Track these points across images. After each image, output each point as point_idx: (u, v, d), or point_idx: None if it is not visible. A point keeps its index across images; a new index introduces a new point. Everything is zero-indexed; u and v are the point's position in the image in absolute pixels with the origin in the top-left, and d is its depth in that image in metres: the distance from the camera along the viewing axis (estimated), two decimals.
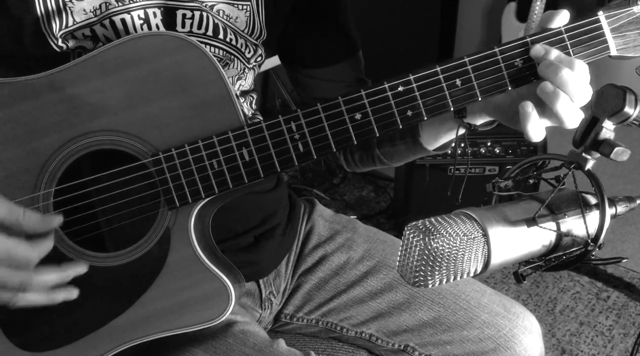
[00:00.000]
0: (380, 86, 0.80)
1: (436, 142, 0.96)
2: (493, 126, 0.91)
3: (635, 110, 0.67)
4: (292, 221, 1.13)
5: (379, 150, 1.03)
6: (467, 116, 0.87)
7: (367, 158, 1.07)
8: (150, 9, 0.88)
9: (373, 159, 1.06)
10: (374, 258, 1.13)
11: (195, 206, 0.82)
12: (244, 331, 0.95)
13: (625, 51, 0.80)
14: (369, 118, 0.80)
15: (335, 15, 1.02)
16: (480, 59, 0.79)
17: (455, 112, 0.86)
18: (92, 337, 0.84)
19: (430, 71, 0.79)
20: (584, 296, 2.18)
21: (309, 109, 0.80)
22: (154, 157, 0.81)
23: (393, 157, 1.03)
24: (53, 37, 0.85)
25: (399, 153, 1.01)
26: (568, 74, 0.75)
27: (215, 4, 0.92)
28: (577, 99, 0.76)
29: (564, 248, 0.67)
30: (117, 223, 0.84)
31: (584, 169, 0.68)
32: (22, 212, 0.74)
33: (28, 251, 0.74)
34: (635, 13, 0.78)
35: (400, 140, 0.99)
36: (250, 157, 0.80)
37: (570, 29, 0.79)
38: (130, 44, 0.80)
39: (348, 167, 1.13)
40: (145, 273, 0.83)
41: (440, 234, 0.62)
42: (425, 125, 0.95)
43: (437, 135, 0.95)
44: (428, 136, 0.95)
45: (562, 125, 0.78)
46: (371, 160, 1.06)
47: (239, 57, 0.96)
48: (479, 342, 1.06)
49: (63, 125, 0.81)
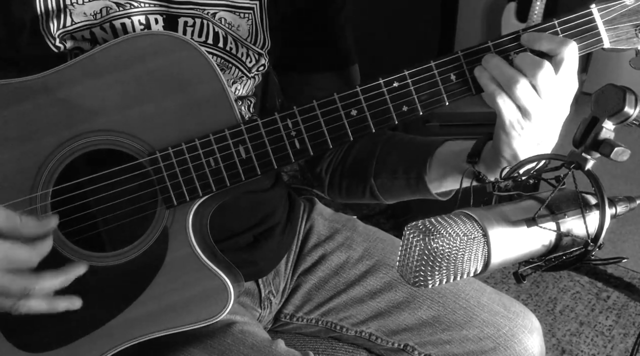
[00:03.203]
0: (375, 82, 0.80)
1: (441, 185, 0.94)
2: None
3: (635, 110, 0.67)
4: (292, 220, 1.13)
5: (376, 181, 1.01)
6: (480, 163, 0.85)
7: (356, 187, 1.04)
8: (152, 15, 0.88)
9: (364, 190, 1.03)
10: (374, 257, 1.12)
11: (193, 204, 0.82)
12: (243, 332, 0.94)
13: (618, 43, 0.80)
14: (365, 114, 0.80)
15: (332, 24, 1.01)
16: (473, 53, 0.79)
17: (470, 155, 0.85)
18: (91, 337, 0.84)
19: (424, 66, 0.79)
20: (584, 296, 2.18)
21: (305, 106, 0.80)
22: (150, 156, 0.81)
23: (389, 192, 1.01)
24: (50, 37, 0.85)
25: (396, 188, 0.99)
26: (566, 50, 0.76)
27: (217, 12, 0.91)
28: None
29: (564, 248, 0.67)
30: (115, 223, 0.83)
31: (584, 169, 0.67)
32: (19, 218, 0.74)
33: (28, 253, 0.74)
34: (628, 5, 0.79)
35: (404, 174, 0.97)
36: (247, 155, 0.80)
37: (563, 21, 0.79)
38: (126, 44, 0.80)
39: (330, 193, 1.10)
40: (144, 273, 0.83)
41: (440, 234, 0.62)
42: (435, 164, 0.93)
43: (444, 178, 0.93)
44: (435, 176, 0.93)
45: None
46: (361, 190, 1.03)
47: (238, 66, 0.95)
48: (478, 341, 1.06)
49: (60, 126, 0.81)
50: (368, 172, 1.01)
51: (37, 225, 0.76)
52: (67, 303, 0.78)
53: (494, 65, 0.77)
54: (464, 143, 0.89)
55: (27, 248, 0.74)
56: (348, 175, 1.05)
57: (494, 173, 0.85)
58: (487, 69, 0.78)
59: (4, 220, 0.73)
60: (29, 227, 0.75)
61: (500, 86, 0.77)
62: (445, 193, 0.96)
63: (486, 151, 0.86)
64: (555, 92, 0.76)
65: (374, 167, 1.01)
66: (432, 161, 0.94)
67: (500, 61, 0.77)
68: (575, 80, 0.78)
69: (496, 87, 0.77)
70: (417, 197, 0.98)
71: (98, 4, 0.85)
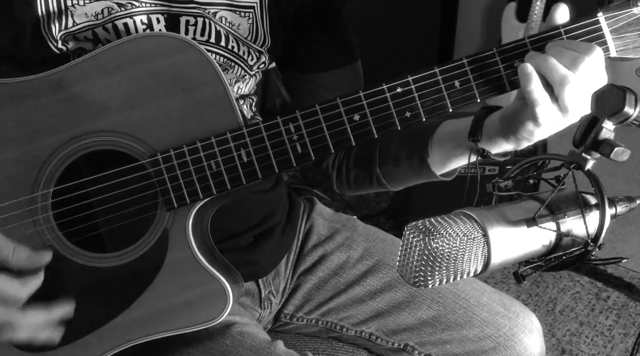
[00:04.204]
0: (378, 87, 0.79)
1: (444, 166, 0.94)
2: (508, 158, 0.88)
3: (635, 110, 0.67)
4: (292, 220, 1.13)
5: (380, 169, 1.01)
6: (482, 140, 0.85)
7: (364, 177, 1.05)
8: (153, 15, 0.88)
9: (371, 179, 1.03)
10: (374, 257, 1.12)
11: (194, 207, 0.82)
12: (242, 333, 0.94)
13: (625, 52, 0.80)
14: (368, 120, 0.80)
15: (335, 22, 1.02)
16: (478, 60, 0.79)
17: (470, 133, 0.84)
18: (90, 338, 0.84)
19: (428, 72, 0.79)
20: (584, 296, 2.18)
21: (307, 110, 0.80)
22: (152, 157, 0.81)
23: (394, 178, 1.01)
24: (52, 40, 0.85)
25: (401, 174, 0.99)
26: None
27: (218, 11, 0.91)
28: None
29: (564, 248, 0.67)
30: (116, 224, 0.83)
31: (584, 169, 0.67)
32: (12, 249, 0.75)
33: (17, 289, 0.75)
34: (636, 14, 0.78)
35: (407, 159, 0.97)
36: (248, 158, 0.80)
37: (569, 30, 0.78)
38: (129, 45, 0.80)
39: (339, 187, 1.10)
40: (144, 274, 0.83)
41: (440, 234, 0.62)
42: (436, 146, 0.94)
43: (447, 158, 0.93)
44: (438, 158, 0.94)
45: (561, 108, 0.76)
46: (368, 180, 1.04)
47: (240, 64, 0.95)
48: (478, 341, 1.06)
49: (62, 126, 0.81)
50: (373, 161, 1.02)
51: (28, 258, 0.77)
52: (47, 335, 0.79)
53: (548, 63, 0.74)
54: (463, 121, 0.89)
55: (17, 283, 0.75)
56: (354, 167, 1.06)
57: (497, 147, 0.85)
58: (536, 65, 0.75)
59: None
60: (20, 259, 0.76)
61: (548, 84, 0.75)
62: (449, 173, 0.96)
63: (487, 127, 0.85)
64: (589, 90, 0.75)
65: (377, 155, 1.01)
66: (432, 142, 0.94)
67: (553, 59, 0.75)
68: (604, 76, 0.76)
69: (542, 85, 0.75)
70: (423, 181, 0.98)
71: (99, 5, 0.85)
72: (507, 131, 0.82)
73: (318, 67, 1.02)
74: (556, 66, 0.74)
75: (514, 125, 0.81)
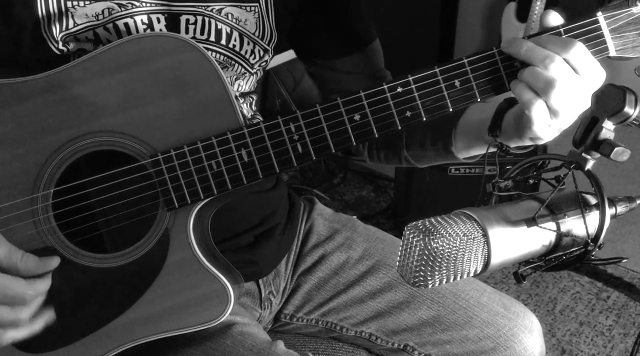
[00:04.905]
0: (379, 87, 0.80)
1: (468, 153, 0.97)
2: (527, 150, 0.89)
3: (635, 110, 0.67)
4: (292, 220, 1.13)
5: (408, 152, 1.04)
6: (502, 136, 0.86)
7: (393, 157, 1.08)
8: (154, 15, 0.88)
9: (400, 159, 1.06)
10: (374, 258, 1.13)
11: (194, 207, 0.82)
12: (243, 333, 0.94)
13: (624, 52, 0.80)
14: (368, 119, 0.80)
15: (346, 5, 1.02)
16: (478, 60, 0.79)
17: (490, 129, 0.85)
18: (90, 338, 0.84)
19: (429, 72, 0.79)
20: (584, 296, 2.18)
21: (308, 110, 0.80)
22: (152, 158, 0.81)
23: (421, 159, 1.04)
24: (53, 41, 0.85)
25: (428, 157, 1.02)
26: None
27: (223, 8, 0.91)
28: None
29: (564, 248, 0.67)
30: (116, 224, 0.83)
31: (584, 169, 0.67)
32: (20, 256, 0.77)
33: (24, 288, 0.76)
34: (635, 14, 0.78)
35: (432, 146, 0.99)
36: (249, 158, 0.80)
37: (569, 29, 0.78)
38: (130, 45, 0.80)
39: (371, 160, 1.13)
40: (144, 275, 0.83)
41: (440, 234, 0.62)
42: (460, 136, 0.95)
43: (469, 147, 0.95)
44: (461, 146, 0.96)
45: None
46: (397, 159, 1.07)
47: (241, 63, 0.95)
48: (478, 341, 1.06)
49: (62, 126, 0.81)
50: (400, 144, 1.04)
51: (37, 265, 0.78)
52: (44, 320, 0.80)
53: (529, 73, 0.77)
54: (487, 111, 0.89)
55: (25, 284, 0.76)
56: (383, 147, 1.08)
57: (515, 142, 0.86)
58: (523, 78, 0.77)
59: (5, 255, 0.76)
60: (29, 265, 0.77)
61: (536, 93, 0.76)
62: (475, 156, 0.98)
63: (506, 122, 0.86)
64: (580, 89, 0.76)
65: (404, 140, 1.04)
66: (456, 132, 0.95)
67: (533, 68, 0.76)
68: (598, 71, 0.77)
69: (533, 95, 0.76)
70: (449, 162, 1.01)
71: (100, 5, 0.85)
72: (519, 129, 0.83)
73: (336, 54, 1.03)
74: (539, 75, 0.76)
75: (522, 123, 0.82)
